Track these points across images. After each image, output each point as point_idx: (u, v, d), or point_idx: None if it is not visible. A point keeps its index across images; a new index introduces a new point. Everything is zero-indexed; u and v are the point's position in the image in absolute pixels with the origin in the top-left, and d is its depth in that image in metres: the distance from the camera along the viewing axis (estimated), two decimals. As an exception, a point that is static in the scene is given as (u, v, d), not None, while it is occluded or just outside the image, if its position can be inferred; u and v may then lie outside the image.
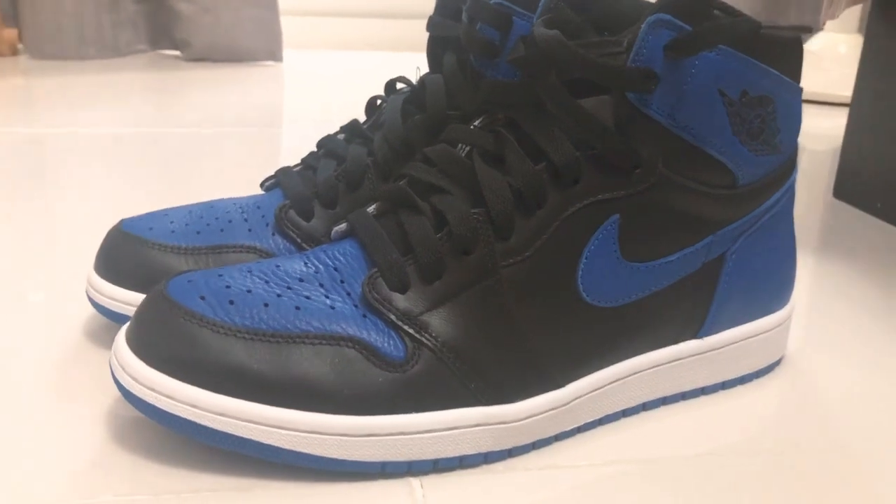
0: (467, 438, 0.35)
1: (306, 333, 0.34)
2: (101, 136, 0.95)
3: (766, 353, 0.43)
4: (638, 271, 0.37)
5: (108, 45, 1.45)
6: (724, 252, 0.40)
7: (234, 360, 0.33)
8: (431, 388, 0.34)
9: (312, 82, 1.43)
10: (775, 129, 0.39)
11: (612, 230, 0.36)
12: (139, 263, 0.43)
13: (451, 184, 0.37)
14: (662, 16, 0.35)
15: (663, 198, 0.37)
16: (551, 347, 0.36)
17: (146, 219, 0.45)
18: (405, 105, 0.47)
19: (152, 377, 0.33)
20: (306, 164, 0.48)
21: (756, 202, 0.40)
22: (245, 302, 0.35)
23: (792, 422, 0.40)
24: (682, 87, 0.35)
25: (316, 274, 0.36)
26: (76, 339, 0.44)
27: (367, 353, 0.34)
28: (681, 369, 0.40)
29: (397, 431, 0.34)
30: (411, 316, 0.35)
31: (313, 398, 0.33)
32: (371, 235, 0.37)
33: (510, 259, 0.35)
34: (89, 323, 0.46)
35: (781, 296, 0.44)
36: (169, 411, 0.33)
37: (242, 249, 0.43)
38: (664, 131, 0.36)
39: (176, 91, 1.30)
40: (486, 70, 0.44)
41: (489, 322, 0.35)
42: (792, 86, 0.39)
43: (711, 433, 0.39)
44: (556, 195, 0.36)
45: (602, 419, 0.39)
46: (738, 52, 0.36)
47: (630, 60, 0.35)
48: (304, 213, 0.44)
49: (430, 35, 0.50)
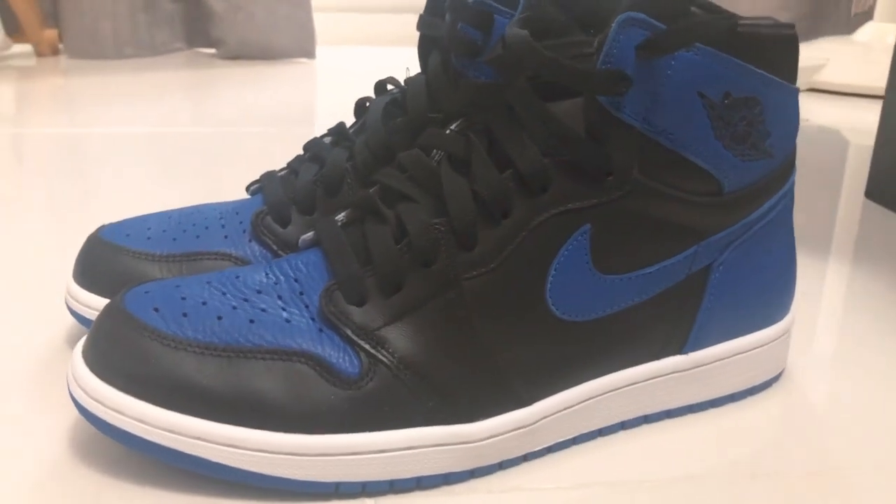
0: (425, 459, 0.33)
1: (259, 348, 0.33)
2: (138, 136, 0.96)
3: (761, 368, 0.41)
4: (612, 284, 0.35)
5: (146, 44, 1.47)
6: (711, 263, 0.37)
7: (183, 375, 0.32)
8: (387, 406, 0.33)
9: (345, 79, 1.43)
10: (764, 132, 0.36)
11: (584, 241, 0.34)
12: (115, 271, 0.42)
13: (419, 191, 0.36)
14: (634, 14, 0.32)
15: (639, 206, 0.35)
16: (517, 364, 0.34)
17: (124, 225, 0.44)
18: (388, 107, 0.46)
19: (103, 391, 0.32)
20: (291, 169, 0.47)
21: (746, 210, 0.38)
22: (199, 314, 0.34)
23: (783, 444, 0.38)
24: (657, 90, 0.33)
25: (275, 285, 0.35)
26: (56, 346, 0.44)
27: (321, 369, 0.33)
28: (663, 386, 0.38)
29: (350, 451, 0.32)
30: (368, 331, 0.33)
31: (264, 415, 0.32)
32: (333, 245, 0.35)
33: (474, 271, 0.34)
34: (70, 331, 0.45)
35: (778, 308, 0.41)
36: (118, 426, 0.32)
37: (217, 257, 0.43)
38: (639, 136, 0.34)
39: (212, 89, 1.31)
40: (468, 70, 0.43)
41: (450, 337, 0.34)
42: (783, 86, 0.36)
43: (691, 455, 0.37)
44: (523, 204, 0.34)
45: (576, 438, 0.37)
46: (719, 52, 0.33)
47: (600, 62, 0.33)
48: (281, 220, 0.43)
49: (420, 34, 0.49)
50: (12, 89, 1.27)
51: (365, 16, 1.67)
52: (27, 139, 0.96)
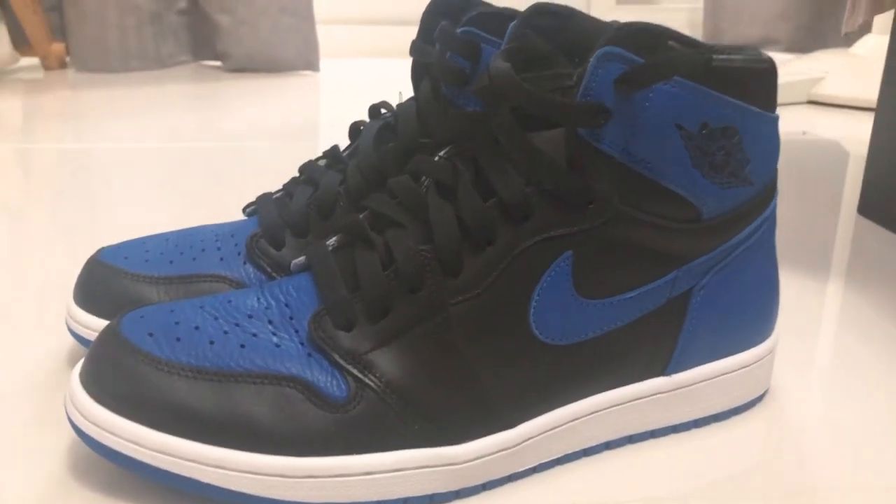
0: (412, 480, 0.34)
1: (249, 372, 0.34)
2: (144, 151, 0.98)
3: (745, 389, 0.42)
4: (595, 308, 0.36)
5: (152, 56, 1.49)
6: (692, 287, 0.38)
7: (175, 398, 0.33)
8: (374, 429, 0.34)
9: (349, 91, 1.44)
10: (743, 160, 0.37)
11: (566, 267, 0.35)
12: (114, 293, 0.43)
13: (408, 217, 0.37)
14: (611, 49, 0.33)
15: (620, 233, 0.36)
16: (502, 387, 0.35)
17: (123, 248, 0.46)
18: (380, 132, 0.47)
19: (98, 413, 0.34)
20: (286, 191, 0.49)
21: (726, 235, 0.38)
22: (191, 339, 0.35)
23: (766, 465, 0.38)
24: (635, 121, 0.34)
25: (266, 310, 0.36)
26: (57, 366, 0.45)
27: (309, 393, 0.34)
28: (647, 407, 0.39)
29: (338, 473, 0.33)
30: (356, 356, 0.34)
31: (254, 438, 0.33)
32: (322, 271, 0.36)
33: (459, 296, 0.35)
34: (71, 351, 0.47)
35: (760, 330, 0.42)
36: (113, 447, 0.33)
37: (213, 279, 0.44)
38: (619, 166, 0.35)
39: (217, 102, 1.33)
40: (457, 99, 0.44)
41: (436, 361, 0.35)
42: (761, 115, 0.37)
43: (675, 475, 0.37)
44: (507, 232, 0.35)
45: (561, 459, 0.38)
46: (696, 84, 0.34)
47: (580, 95, 0.34)
48: (275, 242, 0.44)
49: (413, 60, 0.50)
50: (19, 103, 1.29)
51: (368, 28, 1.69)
52: (34, 154, 0.98)
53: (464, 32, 0.43)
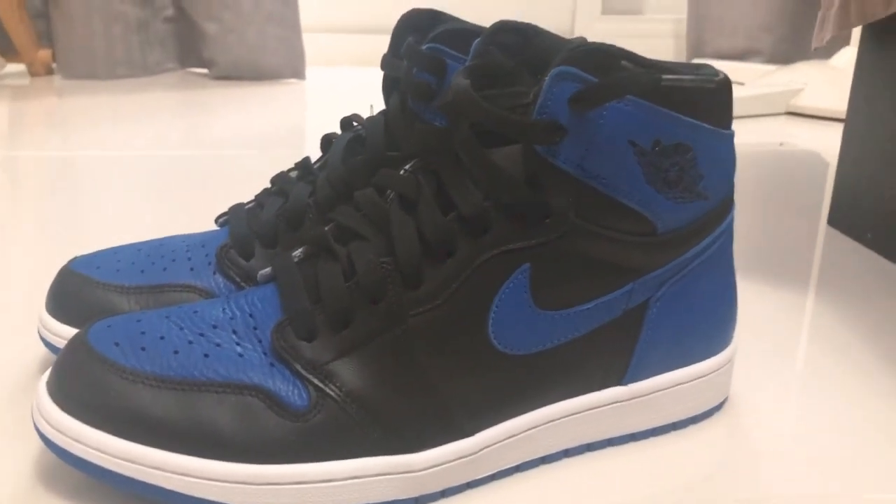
0: (370, 487, 0.35)
1: (211, 381, 0.35)
2: (129, 159, 0.99)
3: (702, 398, 0.43)
4: (552, 319, 0.37)
5: (138, 64, 1.50)
6: (648, 299, 0.39)
7: (140, 407, 0.34)
8: (333, 437, 0.35)
9: (335, 99, 1.45)
10: (697, 175, 0.38)
11: (523, 279, 0.36)
12: (85, 302, 0.44)
13: (371, 230, 0.37)
14: (566, 68, 0.34)
15: (576, 246, 0.37)
16: (461, 396, 0.36)
17: (96, 257, 0.46)
18: (350, 144, 0.48)
19: (63, 421, 0.34)
20: (258, 202, 0.49)
21: (682, 249, 0.39)
22: (156, 348, 0.36)
23: (721, 472, 0.39)
24: (589, 138, 0.35)
25: (231, 320, 0.37)
26: (30, 375, 0.46)
27: (270, 402, 0.34)
28: (605, 416, 0.40)
29: (298, 480, 0.34)
30: (317, 365, 0.35)
31: (216, 446, 0.34)
32: (287, 282, 0.37)
33: (420, 308, 0.36)
34: (44, 359, 0.47)
35: (718, 341, 0.43)
36: (78, 455, 0.34)
37: (183, 289, 0.45)
38: (574, 181, 0.36)
39: (203, 109, 1.34)
40: (423, 113, 0.45)
41: (396, 371, 0.35)
42: (715, 132, 0.38)
43: (632, 483, 0.38)
44: (466, 244, 0.36)
45: (520, 466, 0.39)
46: (648, 102, 0.35)
47: (535, 113, 0.35)
48: (244, 253, 0.45)
49: (384, 74, 0.51)
50: (5, 109, 1.29)
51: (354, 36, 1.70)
52: (19, 162, 0.99)
53: (429, 48, 0.44)
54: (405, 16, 0.51)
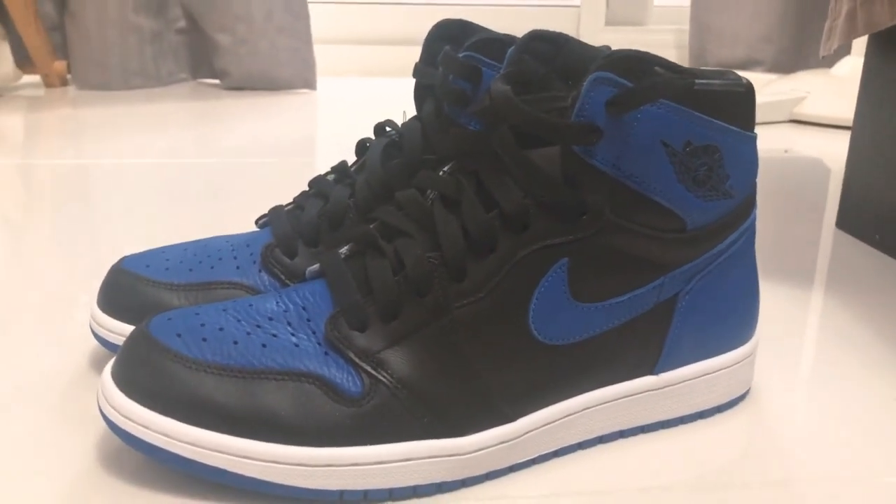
0: (421, 469, 0.37)
1: (270, 370, 0.37)
2: (145, 167, 1.01)
3: (728, 388, 0.45)
4: (588, 311, 0.39)
5: (152, 75, 1.52)
6: (678, 293, 0.41)
7: (203, 394, 0.36)
8: (386, 422, 0.37)
9: (345, 109, 1.48)
10: (724, 175, 0.40)
11: (562, 273, 0.38)
12: (136, 299, 0.46)
13: (415, 228, 0.40)
14: (603, 73, 0.37)
15: (611, 242, 0.39)
16: (503, 383, 0.38)
17: (144, 256, 0.48)
18: (387, 148, 0.50)
19: (131, 408, 0.36)
20: (297, 204, 0.52)
21: (709, 245, 0.42)
22: (217, 339, 0.38)
23: (746, 457, 0.42)
24: (625, 140, 0.37)
25: (285, 313, 0.39)
26: (81, 368, 0.48)
27: (327, 388, 0.36)
28: (637, 404, 0.42)
29: (353, 462, 0.36)
30: (369, 354, 0.37)
31: (276, 430, 0.36)
32: (336, 276, 0.39)
33: (464, 300, 0.38)
34: (94, 353, 0.49)
35: (742, 333, 0.45)
36: (145, 440, 0.36)
37: (230, 286, 0.47)
38: (610, 180, 0.38)
39: (216, 119, 1.36)
40: (458, 118, 0.47)
41: (442, 360, 0.38)
42: (740, 134, 0.40)
43: (664, 467, 0.40)
44: (508, 240, 0.38)
45: (558, 451, 0.41)
46: (680, 105, 0.38)
47: (574, 116, 0.37)
48: (288, 252, 0.47)
49: (416, 82, 0.53)
50: (22, 120, 1.32)
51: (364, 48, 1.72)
52: (36, 170, 1.01)
53: (465, 57, 0.46)
54: (436, 26, 0.54)
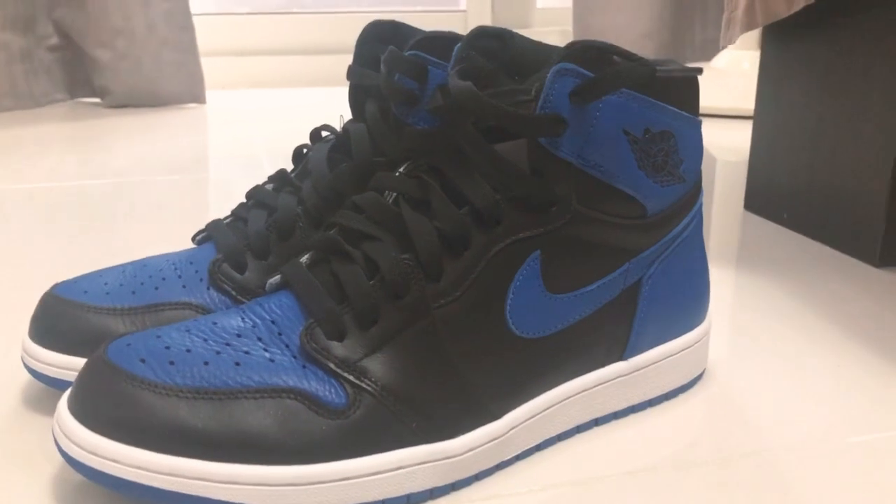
0: (413, 477, 0.36)
1: (247, 388, 0.35)
2: (23, 193, 0.94)
3: (688, 368, 0.46)
4: (561, 302, 0.39)
5: (24, 95, 1.43)
6: (641, 278, 0.42)
7: (177, 420, 0.34)
8: (374, 431, 0.35)
9: (236, 122, 1.43)
10: (678, 160, 0.42)
11: (535, 265, 0.38)
12: (76, 327, 0.43)
13: (381, 230, 0.39)
14: (566, 65, 0.37)
15: (579, 232, 0.39)
16: (486, 381, 0.38)
17: (80, 282, 0.45)
18: (331, 153, 0.48)
19: (96, 442, 0.34)
20: (236, 216, 0.49)
21: (666, 229, 0.43)
22: (185, 361, 0.35)
23: (717, 432, 0.43)
24: (588, 130, 0.38)
25: (254, 328, 0.37)
26: (14, 406, 0.44)
27: (309, 402, 0.35)
28: (610, 390, 0.43)
29: (343, 477, 0.35)
30: (350, 363, 0.36)
31: (259, 451, 0.34)
32: (305, 286, 0.38)
33: (441, 300, 0.37)
34: (26, 390, 0.45)
35: (698, 313, 0.46)
36: (116, 475, 0.33)
37: (178, 306, 0.44)
38: (575, 170, 0.38)
39: (100, 140, 1.29)
40: (406, 118, 0.46)
41: (425, 362, 0.37)
42: (691, 119, 0.42)
43: (644, 449, 0.41)
44: (481, 236, 0.38)
45: (539, 445, 0.41)
46: (639, 94, 0.38)
47: (538, 108, 0.37)
48: (237, 266, 0.45)
49: (351, 84, 0.52)
50: None
51: (253, 59, 1.68)
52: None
53: (411, 55, 0.45)
54: (368, 27, 0.53)
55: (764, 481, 0.39)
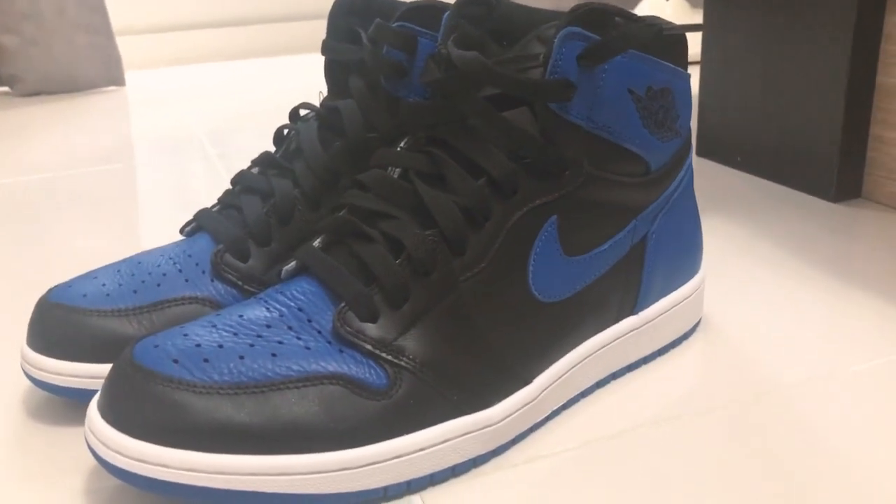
0: (458, 448, 0.37)
1: (288, 378, 0.34)
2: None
3: (689, 316, 0.48)
4: (578, 264, 0.40)
5: (-75, 90, 1.34)
6: (646, 233, 0.43)
7: (222, 418, 0.33)
8: (418, 407, 0.36)
9: (162, 104, 1.38)
10: (675, 115, 0.43)
11: (553, 230, 0.39)
12: (79, 332, 0.41)
13: (395, 208, 0.38)
14: (573, 28, 0.37)
15: (591, 193, 0.40)
16: (515, 348, 0.38)
17: (76, 285, 0.43)
18: (321, 132, 0.47)
19: (140, 448, 0.33)
20: (225, 204, 0.48)
21: (666, 183, 0.44)
22: (219, 358, 0.35)
23: (724, 375, 0.45)
24: (596, 92, 0.38)
25: (281, 318, 0.37)
26: (18, 417, 0.42)
27: (352, 386, 0.35)
28: (624, 345, 0.44)
29: (395, 455, 0.35)
30: (386, 343, 0.36)
31: (308, 440, 0.34)
32: (329, 270, 0.37)
33: (468, 273, 0.37)
34: (28, 399, 0.44)
35: (695, 263, 0.48)
36: (165, 479, 0.33)
37: (184, 301, 0.43)
38: (585, 133, 0.39)
39: (13, 132, 1.22)
40: (397, 91, 0.46)
41: (457, 335, 0.37)
42: (682, 73, 0.43)
43: (664, 398, 0.43)
44: (500, 207, 0.38)
45: (565, 404, 0.42)
46: (641, 53, 0.39)
47: (548, 73, 0.38)
48: (239, 255, 0.44)
49: (327, 59, 0.51)
50: None
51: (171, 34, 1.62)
52: None
53: (399, 26, 0.45)
54: (338, 1, 0.51)
55: (784, 418, 0.41)
